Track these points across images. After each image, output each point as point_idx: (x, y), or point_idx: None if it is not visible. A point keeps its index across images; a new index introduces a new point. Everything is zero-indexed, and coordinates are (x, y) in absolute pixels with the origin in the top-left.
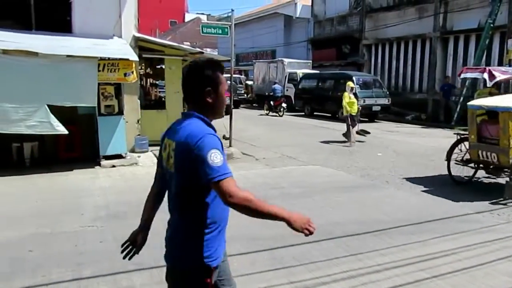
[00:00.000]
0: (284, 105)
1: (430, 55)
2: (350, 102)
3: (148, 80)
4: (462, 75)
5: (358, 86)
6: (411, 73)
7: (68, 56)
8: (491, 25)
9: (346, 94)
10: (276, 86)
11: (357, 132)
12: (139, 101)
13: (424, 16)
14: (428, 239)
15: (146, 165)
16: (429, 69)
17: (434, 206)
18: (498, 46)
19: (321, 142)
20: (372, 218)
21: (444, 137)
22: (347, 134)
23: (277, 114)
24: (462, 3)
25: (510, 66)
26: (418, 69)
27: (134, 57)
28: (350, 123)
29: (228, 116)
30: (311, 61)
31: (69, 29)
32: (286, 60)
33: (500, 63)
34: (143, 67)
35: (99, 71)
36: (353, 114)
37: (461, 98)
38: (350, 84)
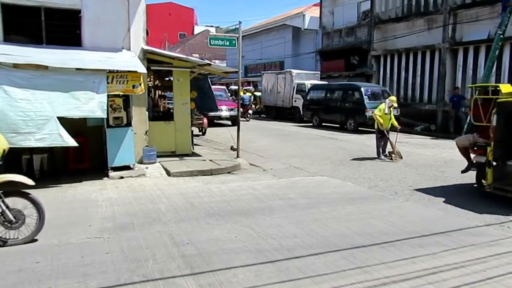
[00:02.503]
0: (250, 111)
1: (439, 66)
2: (383, 116)
3: (157, 91)
4: None
5: (366, 97)
6: (420, 84)
7: (77, 69)
8: (501, 36)
9: (381, 106)
10: (245, 96)
11: (387, 154)
12: (147, 112)
13: (433, 27)
14: (437, 252)
15: (154, 176)
16: (438, 80)
17: (443, 218)
18: (509, 57)
19: (329, 153)
20: (379, 229)
21: (454, 148)
22: (378, 148)
23: (245, 119)
24: (471, 14)
25: None
26: (427, 80)
27: (142, 69)
28: (377, 136)
29: (236, 127)
30: (319, 72)
31: (79, 42)
32: (294, 71)
33: (511, 74)
34: (151, 79)
35: (108, 83)
36: (382, 129)
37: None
38: (392, 98)
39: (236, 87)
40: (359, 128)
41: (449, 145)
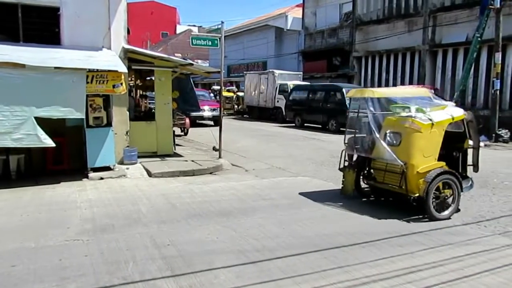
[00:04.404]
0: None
1: (419, 67)
2: None
3: (138, 91)
4: None
5: (348, 97)
6: (400, 85)
7: (56, 68)
8: (479, 39)
9: None
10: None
11: None
12: (128, 112)
13: (414, 29)
14: (416, 251)
15: (135, 177)
16: (418, 81)
17: (422, 217)
18: (486, 59)
19: (312, 153)
20: (360, 229)
21: None
22: None
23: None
24: (450, 17)
25: (497, 79)
26: (407, 81)
27: (123, 68)
28: None
29: (218, 127)
30: (302, 73)
31: (58, 41)
32: (277, 72)
33: (488, 76)
34: (133, 79)
35: (87, 82)
36: None
37: None
38: None
39: (219, 87)
40: (341, 129)
41: None
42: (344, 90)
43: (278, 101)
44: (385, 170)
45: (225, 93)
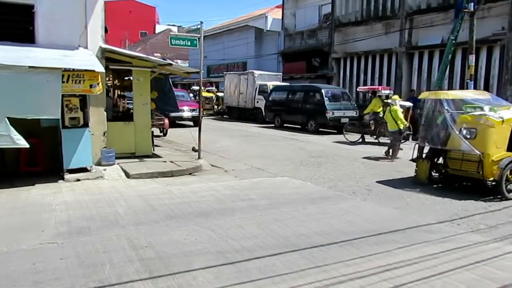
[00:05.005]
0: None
1: (396, 69)
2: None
3: (116, 91)
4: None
5: (327, 98)
6: (378, 86)
7: (30, 67)
8: (454, 41)
9: (396, 107)
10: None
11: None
12: (105, 113)
13: (391, 31)
14: (392, 249)
15: (112, 178)
16: (395, 83)
17: (399, 216)
18: (461, 61)
19: (291, 153)
20: (338, 229)
21: (410, 149)
22: (394, 149)
23: None
24: (426, 20)
25: (471, 80)
26: (385, 83)
27: (100, 68)
28: (396, 138)
29: (197, 128)
30: (281, 74)
31: (32, 39)
32: (256, 72)
33: (463, 78)
34: (110, 79)
35: (63, 82)
36: (401, 128)
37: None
38: (396, 98)
39: (198, 88)
40: (320, 129)
41: (406, 146)
42: (323, 91)
43: (257, 102)
44: (462, 160)
45: (204, 94)
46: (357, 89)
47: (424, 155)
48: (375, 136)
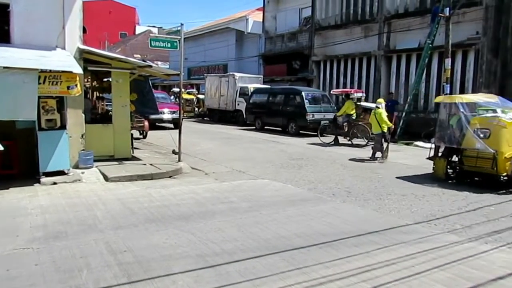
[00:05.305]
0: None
1: (375, 72)
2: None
3: (95, 93)
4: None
5: (307, 101)
6: (357, 89)
7: (5, 67)
8: (430, 45)
9: (381, 110)
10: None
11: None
12: (84, 115)
13: (370, 35)
14: (371, 250)
15: (91, 181)
16: (374, 85)
17: (377, 217)
18: (437, 65)
19: (272, 156)
20: (318, 231)
21: (390, 151)
22: (380, 151)
23: None
24: (404, 24)
25: (447, 84)
26: (364, 85)
27: (78, 69)
28: (379, 140)
29: (178, 130)
30: (262, 76)
31: (8, 39)
32: (237, 75)
33: (439, 81)
34: (89, 80)
35: (39, 83)
36: (385, 131)
37: (404, 114)
38: (382, 101)
39: (179, 90)
40: (300, 132)
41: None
42: (303, 93)
43: (238, 104)
44: (477, 157)
45: (185, 96)
46: (331, 92)
47: (440, 154)
48: (348, 138)
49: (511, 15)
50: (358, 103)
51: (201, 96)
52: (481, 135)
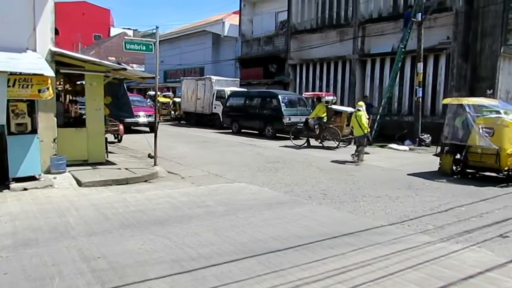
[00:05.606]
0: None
1: (350, 75)
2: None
3: (68, 96)
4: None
5: (284, 104)
6: (333, 92)
7: None
8: (403, 49)
9: (361, 113)
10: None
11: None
12: (56, 118)
13: (345, 39)
14: (346, 252)
15: (63, 187)
16: (349, 89)
17: (352, 219)
18: (410, 68)
19: (248, 159)
20: (294, 233)
21: (373, 153)
22: (360, 153)
23: None
24: (378, 29)
25: (419, 87)
26: (339, 89)
27: (49, 72)
28: (361, 142)
29: (153, 134)
30: (239, 79)
31: None
32: (214, 78)
33: (412, 85)
34: (61, 83)
35: (9, 86)
36: (366, 133)
37: (378, 116)
38: (362, 104)
39: (154, 93)
40: (277, 135)
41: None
42: (280, 96)
43: (215, 107)
44: (481, 154)
45: (161, 99)
46: (303, 95)
47: (445, 151)
48: (319, 140)
49: (480, 21)
50: (330, 106)
51: (177, 100)
52: (485, 134)
